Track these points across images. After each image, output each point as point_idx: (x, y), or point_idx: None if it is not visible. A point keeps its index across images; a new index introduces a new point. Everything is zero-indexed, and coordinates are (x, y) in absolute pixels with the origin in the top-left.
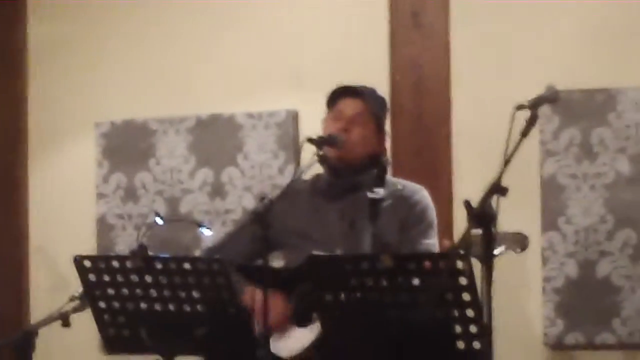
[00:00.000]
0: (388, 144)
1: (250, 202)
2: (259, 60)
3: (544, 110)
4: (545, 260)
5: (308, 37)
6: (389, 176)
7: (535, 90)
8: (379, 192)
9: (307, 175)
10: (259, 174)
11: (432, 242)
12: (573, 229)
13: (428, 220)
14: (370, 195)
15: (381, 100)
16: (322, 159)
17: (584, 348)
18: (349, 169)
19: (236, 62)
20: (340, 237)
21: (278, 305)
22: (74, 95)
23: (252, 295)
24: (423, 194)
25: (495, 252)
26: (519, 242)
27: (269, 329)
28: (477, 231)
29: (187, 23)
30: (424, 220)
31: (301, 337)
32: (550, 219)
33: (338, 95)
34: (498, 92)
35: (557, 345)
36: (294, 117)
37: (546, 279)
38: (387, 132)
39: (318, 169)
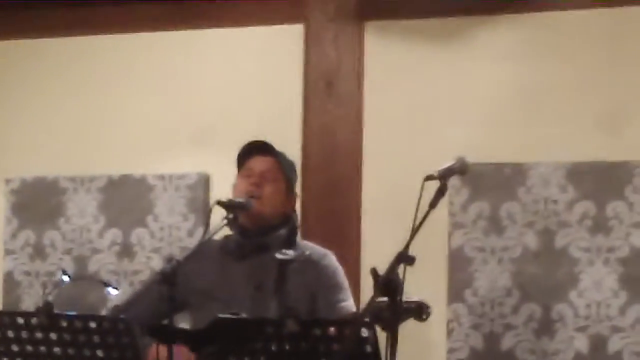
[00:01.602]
0: (297, 205)
1: (158, 264)
2: (171, 121)
3: (454, 182)
4: (450, 332)
5: (221, 100)
6: (297, 239)
7: (446, 161)
8: (289, 253)
9: (218, 237)
10: (168, 235)
11: (349, 304)
12: (479, 301)
13: (340, 283)
14: (278, 256)
15: (291, 162)
16: (231, 222)
17: None
18: (258, 229)
19: (149, 123)
20: (246, 298)
21: (184, 356)
22: None
23: (156, 351)
24: (331, 258)
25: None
26: (422, 310)
27: None
28: (383, 299)
29: (102, 82)
30: (336, 284)
31: None
32: (456, 291)
33: (248, 153)
34: (409, 162)
35: None
36: (205, 180)
37: (450, 350)
38: (296, 194)
39: (227, 231)
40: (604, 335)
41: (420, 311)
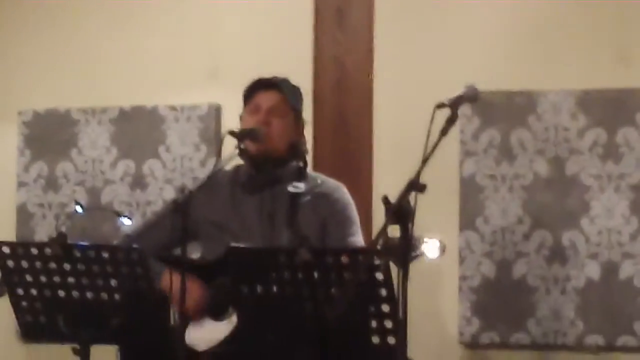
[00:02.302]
0: (309, 136)
1: (171, 195)
2: (182, 53)
3: (465, 110)
4: (462, 260)
5: (231, 31)
6: (309, 170)
7: (456, 90)
8: (300, 186)
9: (228, 168)
10: (181, 166)
11: (358, 239)
12: (490, 229)
13: (351, 217)
14: (290, 189)
15: (296, 89)
16: (243, 153)
17: (499, 347)
18: (269, 162)
19: (160, 54)
20: (258, 230)
21: (195, 291)
22: None
23: (170, 279)
24: (343, 191)
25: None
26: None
27: (186, 315)
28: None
29: (114, 14)
30: (347, 218)
31: (217, 330)
32: (468, 219)
33: (254, 88)
34: (420, 91)
35: (472, 344)
36: (216, 111)
37: (462, 278)
38: (305, 121)
39: (239, 162)
40: (615, 261)
41: (436, 250)
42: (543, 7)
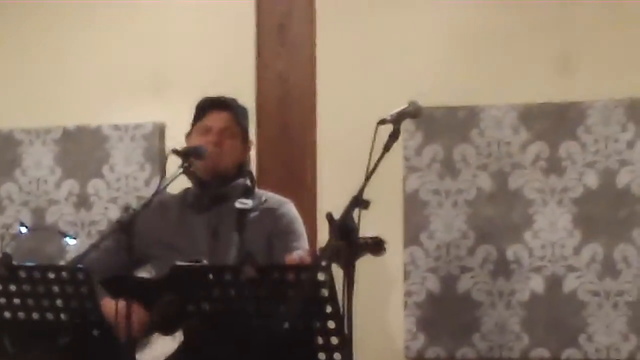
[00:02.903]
0: (252, 152)
1: (115, 214)
2: (125, 72)
3: (408, 126)
4: (407, 275)
5: (174, 49)
6: (256, 188)
7: (400, 105)
8: (247, 202)
9: (177, 190)
10: (125, 185)
11: None
12: (435, 244)
13: (296, 231)
14: (237, 205)
15: (244, 109)
16: (187, 171)
17: None
18: (216, 180)
19: (103, 73)
20: (205, 247)
21: (137, 314)
22: None
23: (109, 306)
24: (289, 207)
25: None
26: (379, 246)
27: (131, 338)
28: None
29: (56, 34)
30: (292, 231)
31: (163, 345)
32: (412, 234)
33: (204, 108)
34: (363, 106)
35: (418, 359)
36: (160, 130)
37: (407, 293)
38: (251, 141)
39: (183, 180)
40: (559, 275)
41: (377, 247)
42: (484, 21)
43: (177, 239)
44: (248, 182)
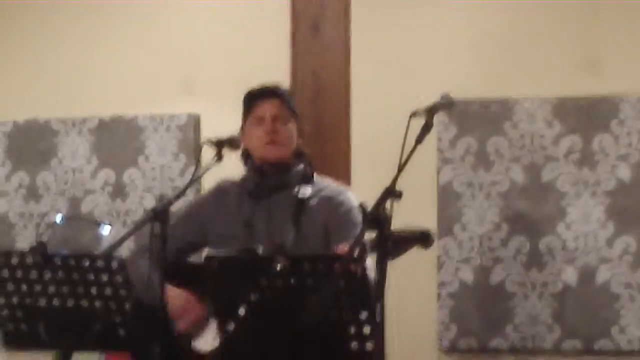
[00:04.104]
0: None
1: (150, 203)
2: (161, 64)
3: (442, 118)
4: (440, 266)
5: (210, 43)
6: (314, 175)
7: (433, 99)
8: (307, 190)
9: (236, 178)
10: (160, 175)
11: None
12: (468, 235)
13: (353, 219)
14: (297, 193)
15: (290, 94)
16: (248, 161)
17: (477, 353)
18: (275, 168)
19: (139, 65)
20: (263, 235)
21: (195, 306)
22: None
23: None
24: (347, 195)
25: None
26: (427, 238)
27: (184, 327)
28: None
29: (93, 27)
30: (349, 220)
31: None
32: (446, 226)
33: (253, 99)
34: (396, 101)
35: (450, 349)
36: (195, 120)
37: (441, 285)
38: (306, 128)
39: (218, 171)
40: (592, 266)
41: (425, 238)
42: (517, 15)
43: (236, 228)
44: (307, 168)
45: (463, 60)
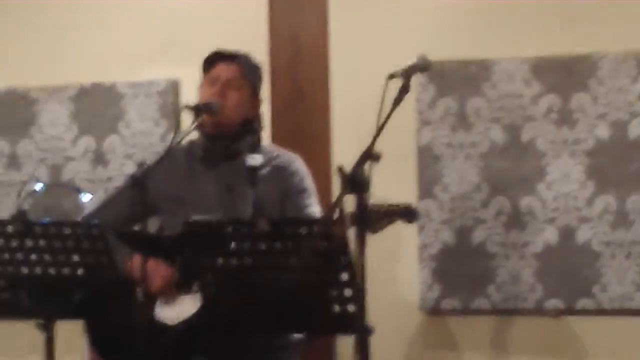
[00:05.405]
0: (264, 109)
1: (131, 170)
2: (139, 30)
3: (420, 80)
4: (421, 227)
5: (188, 6)
6: (264, 143)
7: (411, 60)
8: (256, 158)
9: (183, 142)
10: (141, 142)
11: (316, 209)
12: (448, 196)
13: (308, 188)
14: (248, 161)
15: (256, 66)
16: (199, 126)
17: (460, 313)
18: (224, 135)
19: (117, 31)
20: (217, 202)
21: (161, 271)
22: None
23: (137, 263)
24: (300, 162)
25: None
26: (411, 213)
27: (150, 294)
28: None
29: None
30: (305, 189)
31: (187, 305)
32: (426, 187)
33: (213, 60)
34: (375, 62)
35: (433, 310)
36: (174, 86)
37: (422, 246)
38: (261, 99)
39: (194, 136)
40: (572, 226)
41: (409, 214)
42: None
43: (187, 193)
44: (255, 137)
45: (442, 21)
